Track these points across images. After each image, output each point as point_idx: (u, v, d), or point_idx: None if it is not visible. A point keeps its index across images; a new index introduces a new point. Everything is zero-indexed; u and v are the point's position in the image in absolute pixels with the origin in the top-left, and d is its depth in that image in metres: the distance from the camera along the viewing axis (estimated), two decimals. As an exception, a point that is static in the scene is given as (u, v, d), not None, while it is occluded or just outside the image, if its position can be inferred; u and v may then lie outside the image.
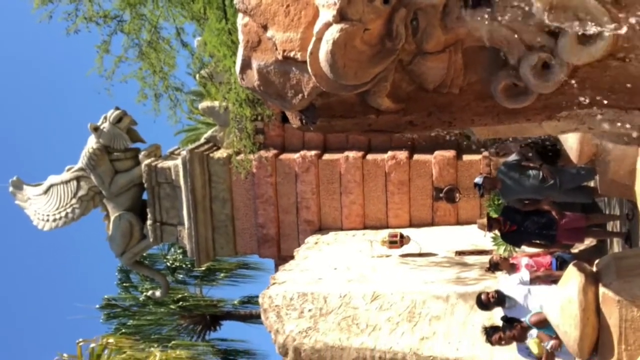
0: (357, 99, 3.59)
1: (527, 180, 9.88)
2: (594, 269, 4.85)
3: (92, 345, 11.70)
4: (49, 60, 46.83)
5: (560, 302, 4.73)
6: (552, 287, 7.33)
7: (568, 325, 4.67)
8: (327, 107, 3.66)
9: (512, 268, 9.03)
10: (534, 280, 8.43)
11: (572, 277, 4.72)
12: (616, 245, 10.15)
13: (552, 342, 7.22)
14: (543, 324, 7.05)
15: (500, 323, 8.12)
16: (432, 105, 3.61)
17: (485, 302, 8.41)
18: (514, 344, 7.98)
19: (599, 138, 4.79)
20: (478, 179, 10.41)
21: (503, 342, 7.90)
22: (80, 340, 11.52)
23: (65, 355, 11.42)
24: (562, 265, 8.73)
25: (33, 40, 43.93)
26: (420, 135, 12.65)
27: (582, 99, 3.44)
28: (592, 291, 4.59)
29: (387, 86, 3.46)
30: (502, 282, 9.01)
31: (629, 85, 3.36)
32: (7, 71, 44.28)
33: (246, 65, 3.72)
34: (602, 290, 4.56)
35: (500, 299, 8.29)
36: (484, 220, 10.12)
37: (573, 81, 3.38)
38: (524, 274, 8.55)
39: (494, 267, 9.25)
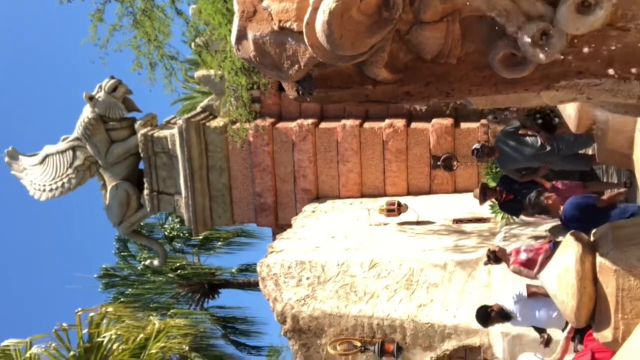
0: (354, 70, 3.55)
1: (525, 148, 9.84)
2: (591, 238, 4.86)
3: (91, 314, 11.67)
4: (42, 30, 46.45)
5: (558, 271, 4.74)
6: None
7: (565, 294, 4.67)
8: (323, 78, 3.62)
9: (510, 257, 8.82)
10: (531, 296, 8.21)
11: (569, 246, 4.72)
12: (613, 213, 10.15)
13: None
14: None
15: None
16: (429, 75, 3.57)
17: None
18: None
19: (598, 107, 4.76)
20: (476, 146, 10.37)
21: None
22: (79, 309, 11.52)
23: (64, 324, 11.42)
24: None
25: (25, 10, 43.62)
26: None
27: (581, 68, 3.41)
28: (589, 260, 4.59)
29: (385, 56, 3.42)
30: (499, 297, 8.76)
31: (628, 54, 3.33)
32: (0, 41, 43.92)
33: (242, 35, 3.67)
34: (599, 259, 4.56)
35: (503, 316, 8.13)
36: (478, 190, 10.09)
37: (572, 50, 3.35)
38: (522, 289, 8.20)
39: (493, 258, 8.89)
